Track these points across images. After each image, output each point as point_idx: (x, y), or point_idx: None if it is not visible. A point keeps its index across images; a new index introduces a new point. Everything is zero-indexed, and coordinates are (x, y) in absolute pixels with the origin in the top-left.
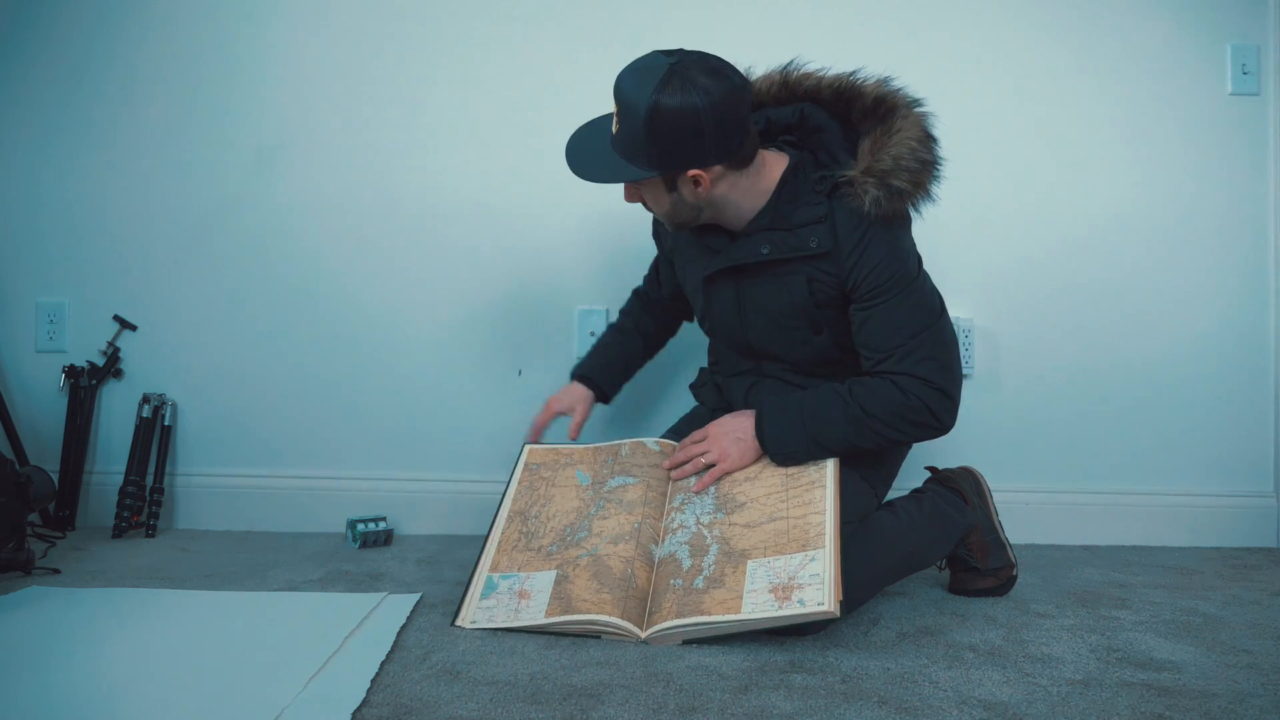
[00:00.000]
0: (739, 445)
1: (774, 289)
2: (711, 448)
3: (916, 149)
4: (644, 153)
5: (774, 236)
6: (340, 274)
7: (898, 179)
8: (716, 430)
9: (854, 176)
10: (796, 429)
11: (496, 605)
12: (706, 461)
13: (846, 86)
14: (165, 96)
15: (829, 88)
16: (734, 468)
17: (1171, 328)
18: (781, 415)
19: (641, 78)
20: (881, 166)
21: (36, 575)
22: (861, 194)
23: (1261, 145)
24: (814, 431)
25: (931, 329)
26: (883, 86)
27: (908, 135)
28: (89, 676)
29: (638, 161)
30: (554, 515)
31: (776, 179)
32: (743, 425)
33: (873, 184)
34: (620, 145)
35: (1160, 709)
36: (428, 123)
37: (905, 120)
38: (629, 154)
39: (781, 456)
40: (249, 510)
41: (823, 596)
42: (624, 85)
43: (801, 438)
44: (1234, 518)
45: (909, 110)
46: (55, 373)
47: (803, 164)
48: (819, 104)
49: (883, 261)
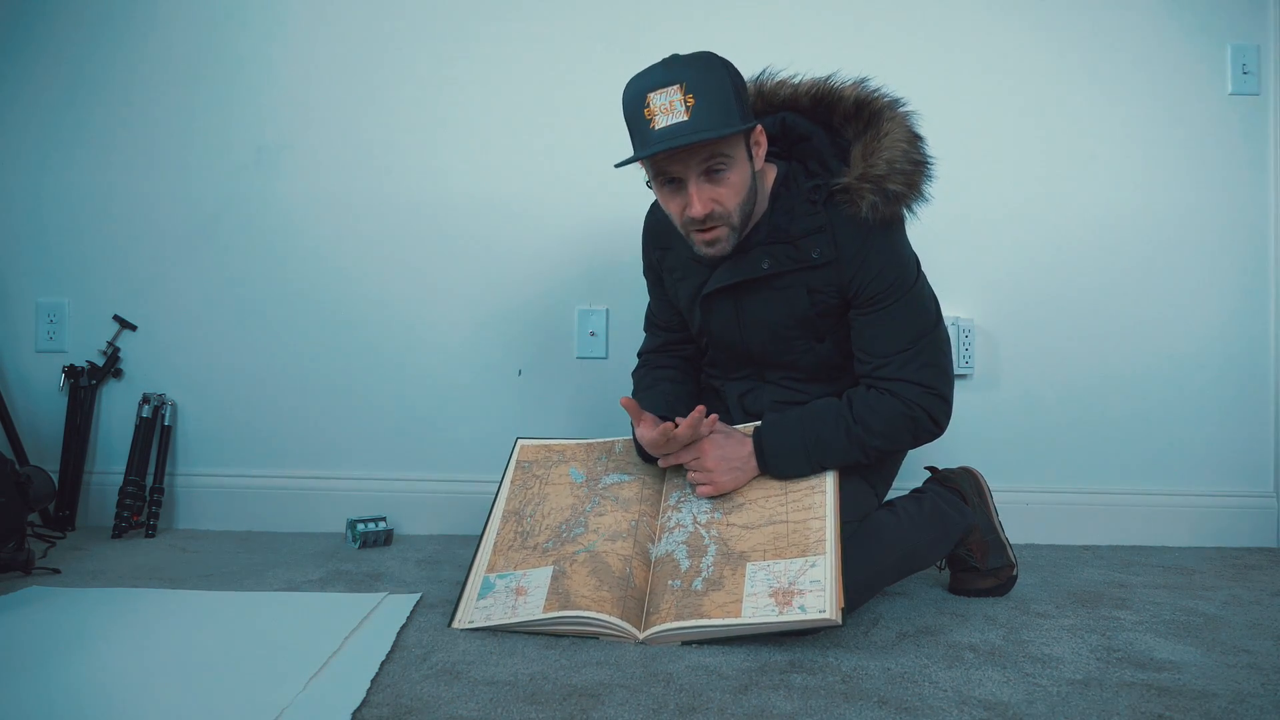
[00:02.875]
0: (733, 475)
1: (774, 301)
2: (708, 472)
3: (908, 150)
4: (737, 108)
5: (774, 250)
6: (340, 274)
7: (893, 183)
8: (713, 456)
9: (849, 183)
10: (799, 456)
11: (494, 604)
12: (699, 484)
13: (825, 91)
14: (166, 96)
15: (807, 94)
16: (723, 494)
17: (1172, 328)
18: (782, 442)
19: (685, 61)
20: (876, 171)
21: (36, 575)
22: (858, 200)
23: (1261, 145)
24: (817, 457)
25: (930, 334)
26: (860, 88)
27: (897, 138)
28: (89, 676)
29: (733, 120)
30: (549, 513)
31: (769, 190)
32: (740, 454)
33: (869, 190)
34: (707, 116)
35: (1160, 709)
36: (428, 123)
37: (892, 123)
38: (723, 117)
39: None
40: (249, 510)
41: (824, 604)
42: (682, 67)
43: (804, 463)
44: (1234, 518)
45: (893, 111)
46: (55, 373)
47: (793, 174)
48: (798, 111)
49: (884, 268)
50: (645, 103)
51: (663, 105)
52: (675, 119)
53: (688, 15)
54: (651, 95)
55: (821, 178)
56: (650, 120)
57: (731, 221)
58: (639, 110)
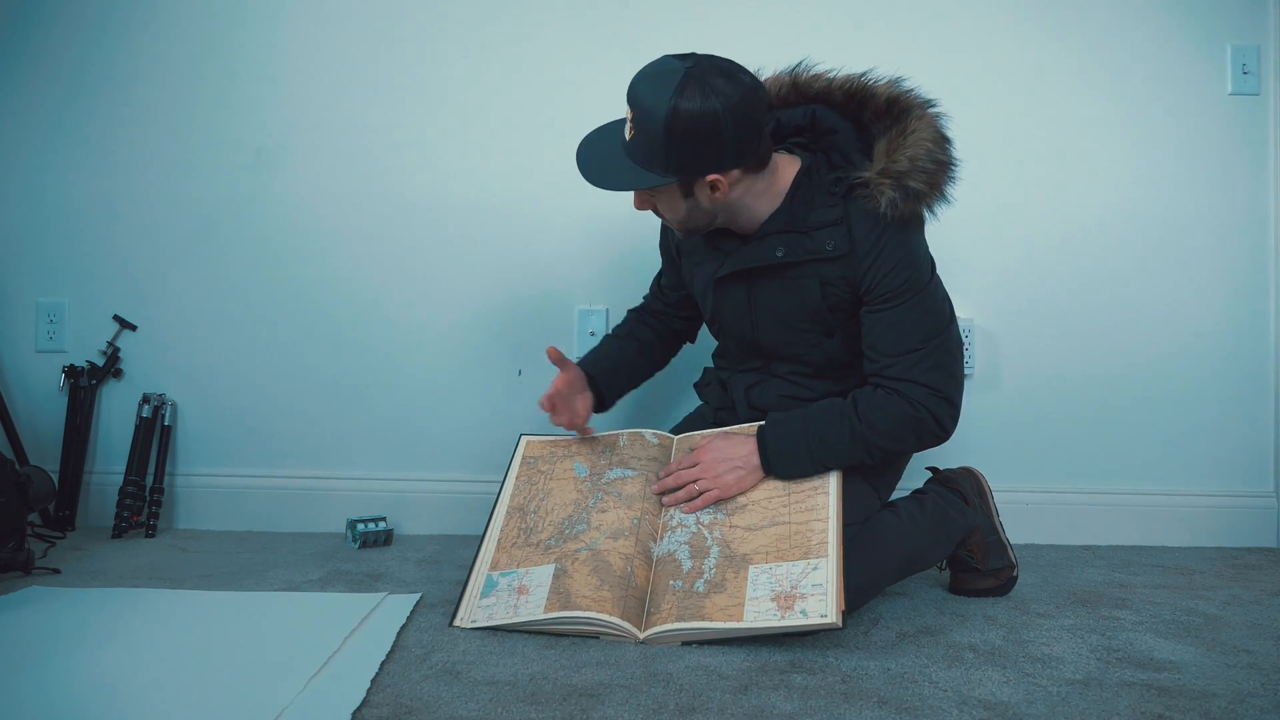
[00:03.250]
0: (736, 474)
1: (786, 291)
2: (705, 475)
3: (933, 150)
4: (661, 159)
5: (789, 239)
6: (340, 274)
7: (914, 180)
8: (711, 456)
9: (870, 178)
10: (802, 455)
11: (496, 603)
12: (700, 489)
13: (858, 88)
14: (166, 96)
15: (840, 89)
16: (729, 496)
17: (1172, 327)
18: (785, 440)
19: (657, 83)
20: (898, 168)
21: (36, 575)
22: (878, 195)
23: (1261, 145)
24: (820, 457)
25: (941, 336)
26: (894, 87)
27: (923, 136)
28: (89, 676)
29: (654, 168)
30: (552, 509)
31: (789, 181)
32: (741, 453)
33: (889, 185)
34: (636, 152)
35: (1160, 709)
36: (428, 123)
37: (920, 121)
38: (645, 160)
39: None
40: (249, 510)
41: (826, 608)
42: (640, 91)
43: (808, 463)
44: (1234, 518)
45: (923, 111)
46: (55, 373)
47: (816, 166)
48: (830, 105)
49: (898, 266)
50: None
51: (627, 112)
52: (627, 131)
53: (689, 16)
54: (627, 102)
55: (844, 171)
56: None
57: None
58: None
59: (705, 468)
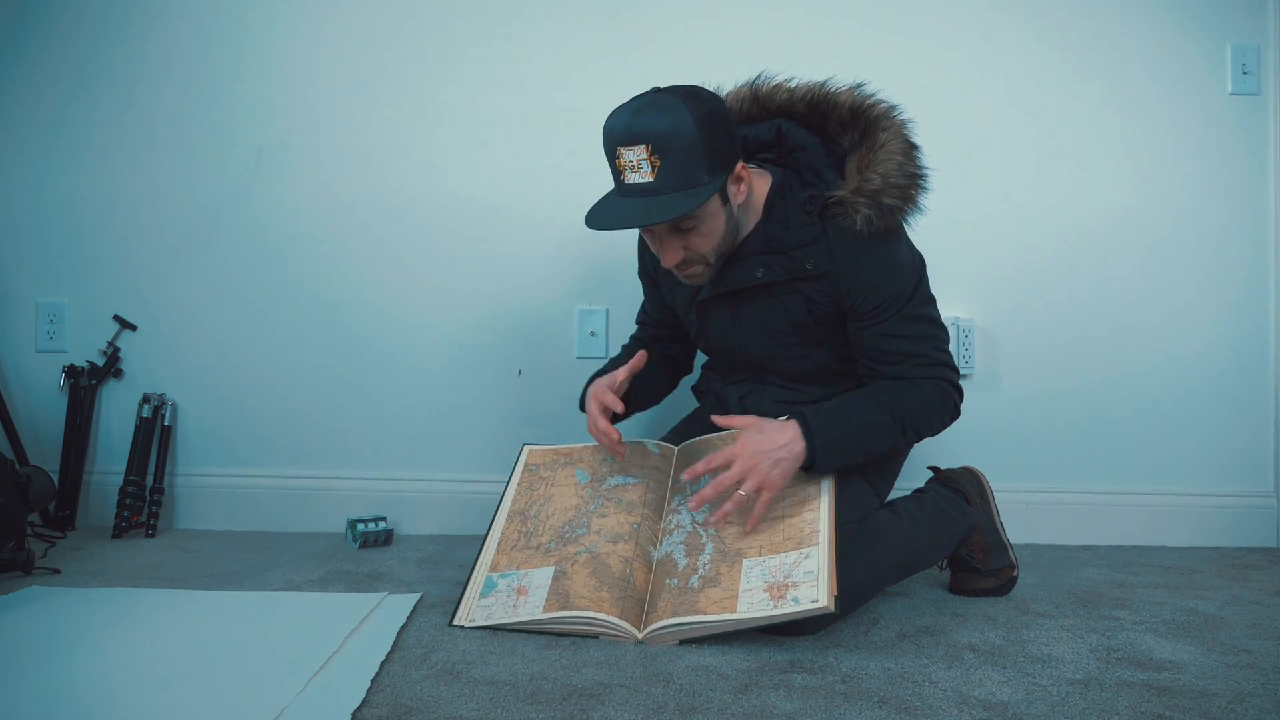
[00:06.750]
0: (780, 467)
1: (770, 308)
2: (747, 474)
3: (903, 163)
4: (705, 163)
5: (769, 260)
6: (340, 274)
7: (889, 197)
8: (749, 450)
9: (844, 196)
10: (849, 443)
11: (495, 603)
12: (746, 492)
13: (821, 98)
14: (167, 96)
15: (802, 101)
16: (778, 491)
17: (1172, 328)
18: (829, 424)
19: (660, 108)
20: (872, 186)
21: (36, 575)
22: (853, 213)
23: (1261, 145)
24: (865, 441)
25: (933, 327)
26: (856, 94)
27: (893, 150)
28: (89, 676)
29: (700, 178)
30: (553, 513)
31: (763, 198)
32: (780, 440)
33: (864, 204)
34: (672, 177)
35: (1160, 709)
36: (429, 123)
37: (888, 133)
38: (689, 178)
39: (828, 470)
40: (249, 510)
41: (817, 593)
42: (650, 121)
43: (853, 446)
44: (1234, 518)
45: (889, 120)
46: (55, 373)
47: (787, 183)
48: (793, 118)
49: (881, 282)
50: (616, 154)
51: (630, 162)
52: (641, 178)
53: (686, 20)
54: (621, 150)
55: (816, 188)
56: (621, 172)
57: (707, 260)
58: (612, 157)
59: (745, 463)
